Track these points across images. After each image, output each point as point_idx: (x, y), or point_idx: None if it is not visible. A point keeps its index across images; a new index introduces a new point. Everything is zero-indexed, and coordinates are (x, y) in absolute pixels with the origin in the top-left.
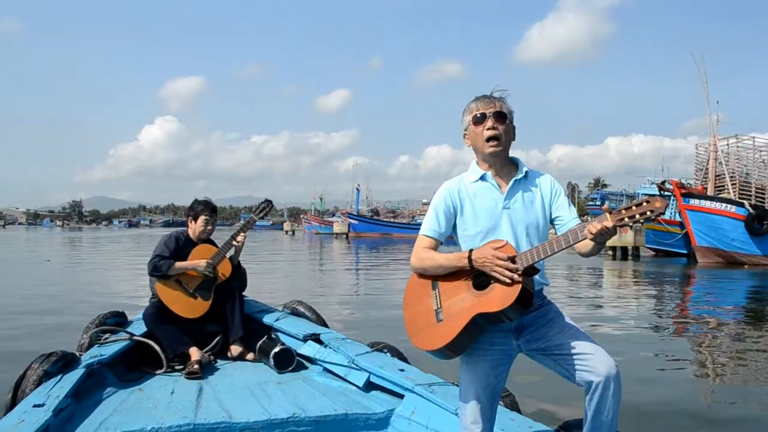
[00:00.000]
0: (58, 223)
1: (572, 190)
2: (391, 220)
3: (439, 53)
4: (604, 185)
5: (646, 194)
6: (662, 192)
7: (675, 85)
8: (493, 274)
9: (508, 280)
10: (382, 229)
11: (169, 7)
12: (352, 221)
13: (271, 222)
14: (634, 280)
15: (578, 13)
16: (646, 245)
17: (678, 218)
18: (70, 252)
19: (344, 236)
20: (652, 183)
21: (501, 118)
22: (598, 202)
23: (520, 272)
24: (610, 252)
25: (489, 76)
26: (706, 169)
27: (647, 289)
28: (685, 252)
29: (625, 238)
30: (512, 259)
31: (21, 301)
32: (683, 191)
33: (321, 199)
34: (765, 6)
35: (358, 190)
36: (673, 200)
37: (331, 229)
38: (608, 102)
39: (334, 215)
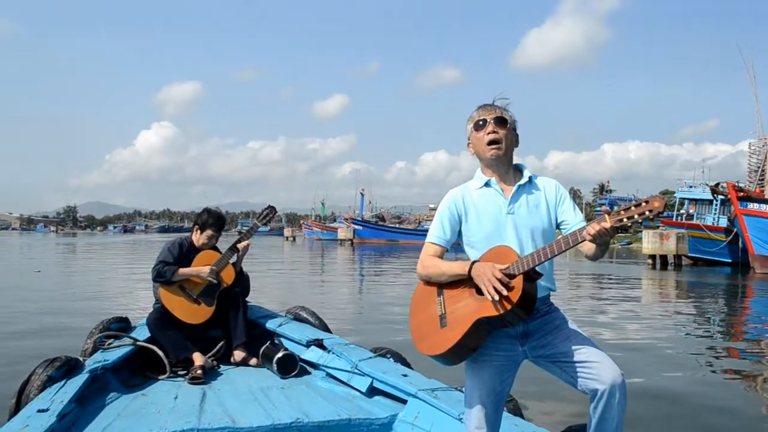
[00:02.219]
0: (52, 228)
1: (574, 196)
2: (397, 225)
3: (437, 59)
4: (609, 191)
5: (684, 198)
6: (716, 195)
7: (671, 93)
8: (482, 287)
9: (489, 297)
10: (387, 235)
11: (166, 12)
12: (356, 227)
13: (269, 228)
14: (678, 291)
15: (576, 18)
16: (690, 254)
17: (722, 224)
18: (63, 260)
19: (349, 243)
20: (691, 187)
21: (501, 124)
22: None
23: (516, 276)
24: (650, 261)
25: (486, 82)
26: (762, 170)
27: (696, 302)
28: (728, 261)
29: (667, 245)
30: (508, 276)
31: (18, 309)
32: (740, 194)
33: (323, 203)
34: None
35: (362, 194)
36: (717, 204)
37: (333, 234)
38: (605, 108)
39: (335, 221)
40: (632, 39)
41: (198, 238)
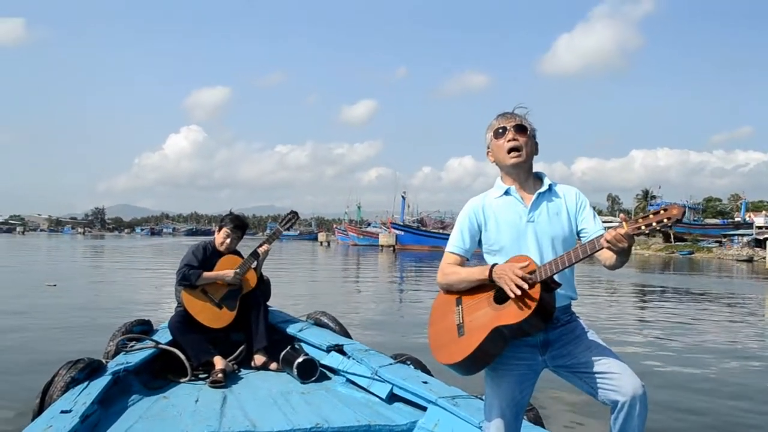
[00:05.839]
0: (80, 230)
1: (612, 202)
2: (440, 231)
3: (465, 64)
4: (654, 196)
5: None
6: None
7: (702, 99)
8: (503, 286)
9: (511, 294)
10: (430, 241)
11: (198, 16)
12: (398, 232)
13: (298, 232)
14: None
15: (608, 24)
16: None
17: None
18: (88, 268)
19: (391, 249)
20: None
21: (521, 131)
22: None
23: (535, 283)
24: None
25: (514, 88)
26: None
27: None
28: None
29: None
30: (530, 273)
31: (41, 311)
32: None
33: (359, 207)
34: None
35: (403, 197)
36: None
37: (370, 240)
38: (634, 115)
39: (369, 225)
40: (666, 45)
41: (217, 236)
